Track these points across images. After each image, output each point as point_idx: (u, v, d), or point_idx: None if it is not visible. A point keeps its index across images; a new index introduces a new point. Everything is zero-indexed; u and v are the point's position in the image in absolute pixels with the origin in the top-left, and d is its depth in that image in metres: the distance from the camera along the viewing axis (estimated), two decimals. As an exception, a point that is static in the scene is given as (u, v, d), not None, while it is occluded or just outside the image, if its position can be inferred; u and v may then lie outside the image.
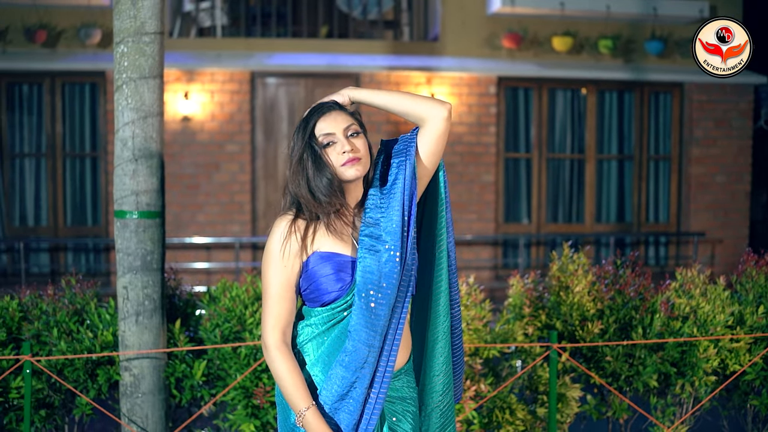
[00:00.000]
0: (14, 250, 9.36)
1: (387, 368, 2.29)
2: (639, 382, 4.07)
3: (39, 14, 8.86)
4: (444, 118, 2.38)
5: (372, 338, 2.25)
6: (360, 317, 2.25)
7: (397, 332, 2.30)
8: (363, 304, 2.25)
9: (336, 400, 2.27)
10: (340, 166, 2.30)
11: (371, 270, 2.25)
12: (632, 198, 10.34)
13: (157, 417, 3.75)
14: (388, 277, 2.25)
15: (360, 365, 2.25)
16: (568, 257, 4.34)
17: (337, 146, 2.31)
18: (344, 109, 2.39)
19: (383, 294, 2.25)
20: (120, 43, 3.65)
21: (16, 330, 3.89)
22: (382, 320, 2.26)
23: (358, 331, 2.25)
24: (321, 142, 2.31)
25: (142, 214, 3.66)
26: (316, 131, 2.33)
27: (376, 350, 2.26)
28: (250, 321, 3.84)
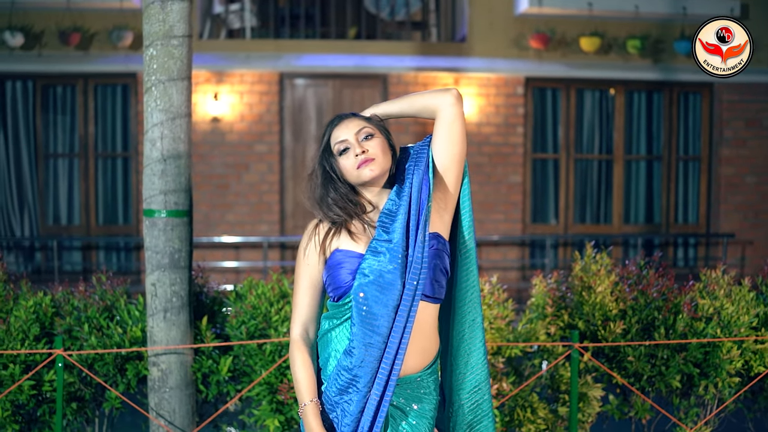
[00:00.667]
0: (48, 249, 9.55)
1: (393, 370, 2.28)
2: (661, 382, 4.08)
3: (73, 17, 9.03)
4: (450, 104, 2.38)
5: (369, 337, 2.28)
6: (356, 315, 2.31)
7: (404, 334, 2.28)
8: (356, 303, 2.31)
9: (336, 393, 2.32)
10: (356, 170, 2.36)
11: (370, 270, 2.30)
12: (661, 199, 10.27)
13: (184, 411, 3.83)
14: (387, 279, 2.28)
15: (358, 363, 2.28)
16: (591, 257, 4.36)
17: (350, 151, 2.37)
18: (362, 117, 2.45)
19: (381, 294, 2.28)
20: (149, 47, 3.74)
21: (49, 325, 4.00)
22: (379, 320, 2.28)
23: (355, 329, 2.31)
24: (337, 150, 2.39)
25: (170, 213, 3.75)
26: (331, 141, 2.41)
27: (375, 350, 2.28)
28: (275, 318, 3.91)
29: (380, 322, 2.28)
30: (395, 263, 2.29)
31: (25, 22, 9.04)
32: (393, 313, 2.29)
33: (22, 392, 3.77)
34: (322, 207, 2.40)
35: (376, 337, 2.28)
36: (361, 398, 2.28)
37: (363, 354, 2.28)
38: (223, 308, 4.21)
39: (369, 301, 2.29)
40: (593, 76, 9.83)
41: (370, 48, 9.66)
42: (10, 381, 3.76)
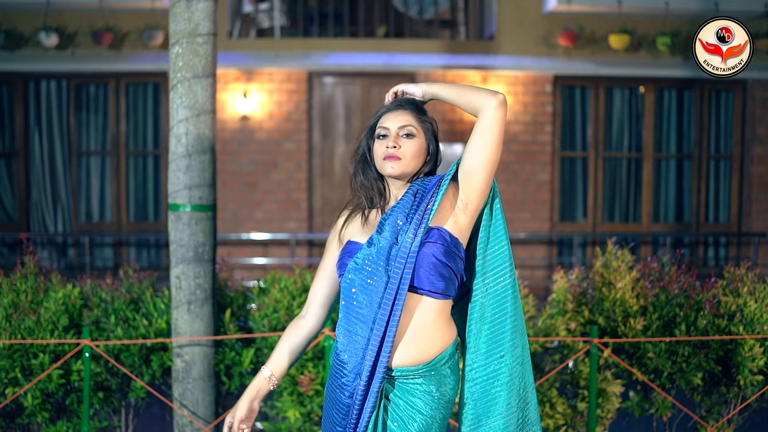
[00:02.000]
0: (80, 245, 9.73)
1: (379, 361, 2.27)
2: (682, 380, 4.07)
3: (105, 18, 9.18)
4: (494, 107, 2.32)
5: (353, 324, 2.33)
6: (343, 301, 2.38)
7: (389, 324, 2.26)
8: (344, 289, 2.38)
9: (332, 381, 2.39)
10: (382, 159, 2.40)
11: (362, 259, 2.35)
12: (691, 197, 10.18)
13: (207, 402, 3.91)
14: (374, 268, 2.31)
15: (343, 349, 2.35)
16: (612, 254, 4.36)
17: (386, 140, 2.41)
18: (415, 110, 2.44)
19: (367, 283, 2.32)
20: (175, 44, 3.82)
21: (78, 317, 4.10)
22: (364, 308, 2.31)
23: (341, 314, 2.39)
24: (377, 133, 2.44)
25: (195, 207, 3.83)
26: (378, 123, 2.46)
27: (360, 337, 2.31)
28: (297, 311, 3.97)
29: (365, 311, 2.31)
30: (383, 252, 2.32)
31: (59, 22, 9.21)
32: (377, 303, 2.30)
33: (51, 381, 3.87)
34: (353, 186, 2.50)
35: (360, 324, 2.32)
36: (350, 385, 2.31)
37: (347, 341, 2.34)
38: (247, 302, 4.28)
39: (356, 288, 2.34)
40: (622, 74, 9.77)
41: (398, 46, 9.70)
42: (40, 370, 3.86)
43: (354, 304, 2.34)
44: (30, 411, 3.90)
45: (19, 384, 3.88)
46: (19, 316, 3.94)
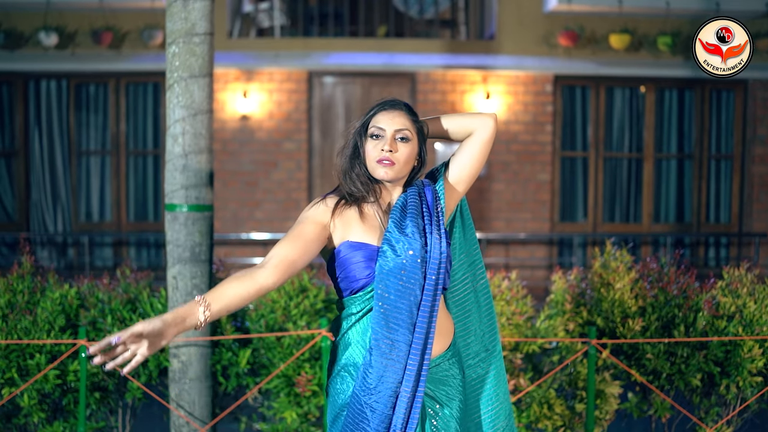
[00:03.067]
0: (80, 244, 9.73)
1: (423, 364, 2.29)
2: (681, 381, 4.05)
3: (105, 17, 9.18)
4: (490, 126, 2.51)
5: (392, 332, 2.28)
6: (377, 311, 2.30)
7: (431, 327, 2.31)
8: (378, 298, 2.30)
9: (366, 392, 2.28)
10: (374, 162, 2.38)
11: (394, 264, 2.30)
12: (692, 198, 10.16)
13: (204, 403, 3.90)
14: (409, 274, 2.30)
15: (385, 357, 2.27)
16: (611, 254, 4.34)
17: (380, 141, 2.39)
18: (409, 112, 2.46)
19: (404, 288, 2.29)
20: (172, 44, 3.81)
21: (74, 317, 4.09)
22: (403, 313, 2.29)
23: (377, 325, 2.30)
24: (371, 132, 2.41)
25: (191, 207, 3.81)
26: (371, 122, 2.43)
27: (402, 344, 2.28)
28: (294, 312, 3.96)
29: (403, 316, 2.29)
30: (417, 256, 2.31)
31: (59, 22, 9.21)
32: (416, 308, 2.30)
33: (47, 381, 3.86)
34: (347, 177, 2.44)
35: (402, 331, 2.28)
36: (391, 395, 2.26)
37: (388, 350, 2.27)
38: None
39: (391, 295, 2.29)
40: (623, 73, 9.75)
41: (398, 46, 9.68)
42: (36, 370, 3.85)
43: (392, 311, 2.29)
44: (26, 411, 3.90)
45: (16, 384, 3.87)
46: (16, 316, 3.93)
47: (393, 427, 2.26)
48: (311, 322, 3.97)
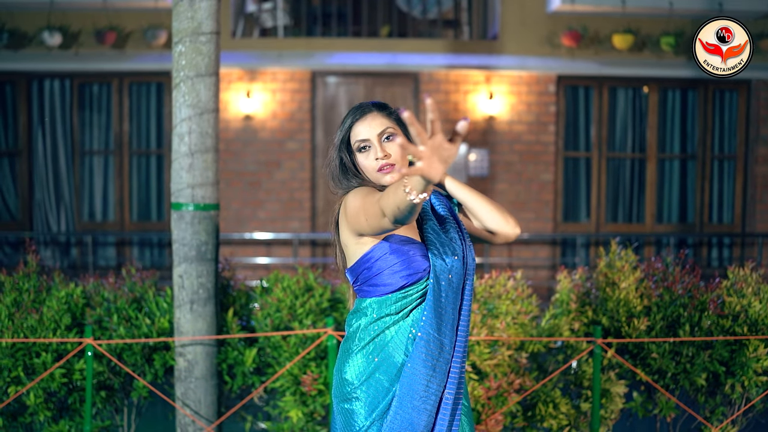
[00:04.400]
0: (83, 244, 9.73)
1: (462, 366, 2.29)
2: (686, 380, 4.05)
3: (108, 17, 9.18)
4: (511, 237, 2.49)
5: (443, 335, 2.25)
6: (431, 311, 2.26)
7: (461, 326, 2.30)
8: (435, 298, 2.26)
9: (413, 398, 2.24)
10: (375, 172, 2.35)
11: (443, 266, 2.29)
12: (695, 198, 10.15)
13: (210, 401, 3.90)
14: (455, 276, 2.29)
15: (435, 359, 2.24)
16: (616, 254, 4.34)
17: (371, 152, 2.35)
18: (383, 109, 2.40)
19: (450, 290, 2.28)
20: (178, 43, 3.81)
21: (80, 315, 4.10)
22: (450, 316, 2.27)
23: (430, 326, 2.25)
24: (356, 147, 2.37)
25: (198, 206, 3.82)
26: (351, 136, 2.38)
27: (448, 347, 2.26)
28: (300, 311, 3.96)
29: (450, 318, 2.27)
30: (459, 259, 2.31)
31: (62, 21, 9.20)
32: (457, 310, 2.30)
33: (53, 380, 3.86)
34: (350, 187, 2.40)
35: (449, 334, 2.27)
36: (436, 399, 2.24)
37: (438, 352, 2.25)
38: (250, 302, 4.28)
39: (442, 297, 2.27)
40: (626, 73, 9.74)
41: (401, 46, 9.68)
42: (42, 369, 3.86)
43: (444, 312, 2.27)
44: (32, 410, 3.90)
45: (22, 383, 3.87)
46: (22, 315, 3.93)
47: (441, 421, 2.25)
48: (317, 321, 3.97)
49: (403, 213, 1.95)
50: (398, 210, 1.95)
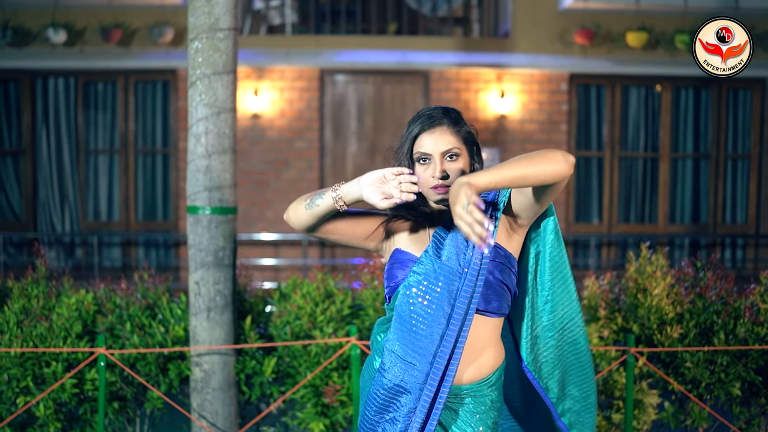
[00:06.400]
0: (88, 245, 9.59)
1: (438, 399, 2.13)
2: (721, 390, 3.90)
3: (114, 14, 9.04)
4: (567, 173, 2.04)
5: (410, 356, 2.16)
6: (398, 319, 2.20)
7: (454, 354, 2.13)
8: (401, 305, 2.20)
9: (375, 413, 2.20)
10: (428, 188, 2.22)
11: (422, 273, 2.19)
12: (708, 198, 10.00)
13: (227, 413, 3.75)
14: (435, 286, 2.17)
15: (396, 383, 2.16)
16: (646, 258, 4.19)
17: (429, 167, 2.21)
18: (454, 124, 2.23)
19: (429, 300, 2.16)
20: (194, 40, 3.66)
21: (91, 323, 3.95)
22: (423, 340, 2.15)
23: (395, 338, 2.19)
24: (417, 156, 2.24)
25: (215, 210, 3.67)
26: (415, 144, 2.24)
27: (418, 372, 2.14)
28: (320, 318, 3.81)
29: (424, 343, 2.15)
30: (448, 270, 2.17)
31: (67, 19, 9.07)
32: (444, 322, 2.15)
33: (64, 391, 3.72)
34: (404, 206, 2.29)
35: (419, 358, 2.15)
36: (404, 421, 2.15)
37: (401, 374, 2.17)
38: (267, 307, 4.12)
39: (416, 306, 2.17)
40: (639, 72, 9.60)
41: (411, 44, 9.54)
42: (53, 379, 3.71)
43: (414, 322, 2.17)
44: (42, 421, 3.75)
45: (31, 393, 3.73)
46: (31, 323, 3.78)
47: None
48: (338, 329, 3.82)
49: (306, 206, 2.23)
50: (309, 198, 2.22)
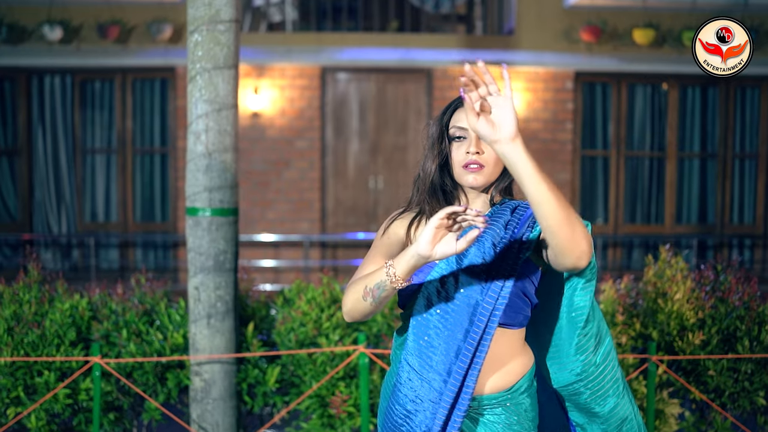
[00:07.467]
0: (85, 246, 9.42)
1: (453, 419, 1.97)
2: (745, 399, 3.74)
3: (111, 11, 8.87)
4: (581, 264, 1.83)
5: (425, 370, 1.99)
6: (412, 338, 2.02)
7: (470, 371, 1.97)
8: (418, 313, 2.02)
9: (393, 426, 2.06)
10: (461, 167, 2.05)
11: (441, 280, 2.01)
12: (715, 198, 9.85)
13: (228, 424, 3.57)
14: (456, 297, 1.99)
15: (411, 398, 2.00)
16: (666, 261, 4.02)
17: (464, 143, 2.05)
18: None
19: (450, 310, 1.99)
20: (194, 32, 3.49)
21: (86, 330, 3.78)
22: (439, 355, 1.98)
23: (412, 357, 2.02)
24: (452, 133, 2.07)
25: (215, 211, 3.49)
26: (451, 121, 2.08)
27: (433, 389, 1.98)
28: (326, 325, 3.64)
29: (439, 358, 1.98)
30: (470, 282, 1.98)
31: (63, 15, 8.90)
32: (462, 335, 1.98)
33: (57, 401, 3.54)
34: (424, 192, 2.12)
35: (435, 374, 1.98)
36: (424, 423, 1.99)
37: (418, 387, 2.00)
38: (270, 313, 3.95)
39: (435, 328, 1.99)
40: (646, 70, 9.44)
41: (414, 41, 9.38)
42: (45, 389, 3.54)
43: (431, 333, 2.00)
44: (34, 433, 3.57)
45: (23, 404, 3.55)
46: (22, 330, 3.61)
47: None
48: (345, 336, 3.64)
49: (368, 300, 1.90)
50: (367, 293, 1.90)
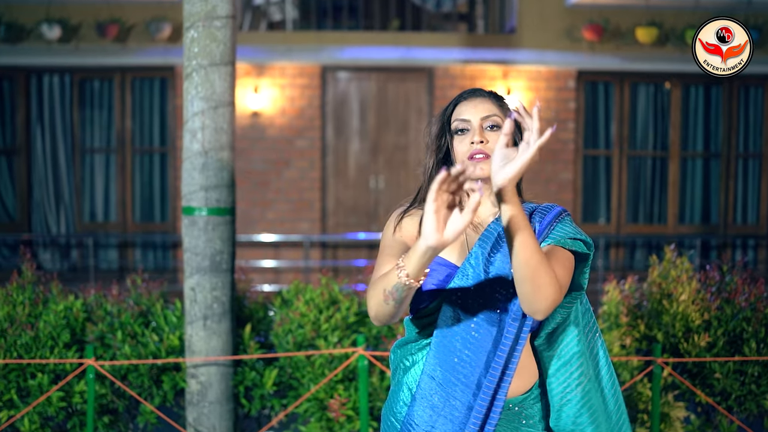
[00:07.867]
0: (84, 246, 9.36)
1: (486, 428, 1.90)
2: (752, 402, 3.67)
3: (110, 9, 8.83)
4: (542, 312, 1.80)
5: (451, 384, 1.91)
6: (436, 349, 1.94)
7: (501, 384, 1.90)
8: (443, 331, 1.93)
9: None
10: (466, 159, 1.98)
11: (466, 283, 1.92)
12: (719, 198, 9.78)
13: (225, 427, 3.51)
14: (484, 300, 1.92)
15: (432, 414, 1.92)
16: (671, 262, 3.95)
17: (467, 135, 1.99)
18: (496, 99, 2.06)
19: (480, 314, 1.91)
20: (190, 28, 3.43)
21: (80, 331, 3.72)
22: (467, 367, 1.91)
23: (433, 369, 1.94)
24: (455, 127, 2.02)
25: (212, 210, 3.43)
26: (453, 115, 2.04)
27: (460, 403, 1.90)
28: (325, 327, 3.57)
29: (468, 370, 1.90)
30: (496, 282, 1.91)
31: (62, 14, 8.86)
32: (491, 341, 1.90)
33: (50, 404, 3.48)
34: (422, 186, 2.06)
35: (461, 387, 1.91)
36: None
37: (442, 404, 1.92)
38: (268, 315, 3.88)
39: (463, 340, 1.91)
40: (648, 69, 9.38)
41: (415, 40, 9.31)
42: (39, 392, 3.47)
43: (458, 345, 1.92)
44: (28, 436, 3.51)
45: (16, 407, 3.49)
46: (15, 331, 3.55)
47: None
48: (344, 337, 3.58)
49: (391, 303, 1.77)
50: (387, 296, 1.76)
